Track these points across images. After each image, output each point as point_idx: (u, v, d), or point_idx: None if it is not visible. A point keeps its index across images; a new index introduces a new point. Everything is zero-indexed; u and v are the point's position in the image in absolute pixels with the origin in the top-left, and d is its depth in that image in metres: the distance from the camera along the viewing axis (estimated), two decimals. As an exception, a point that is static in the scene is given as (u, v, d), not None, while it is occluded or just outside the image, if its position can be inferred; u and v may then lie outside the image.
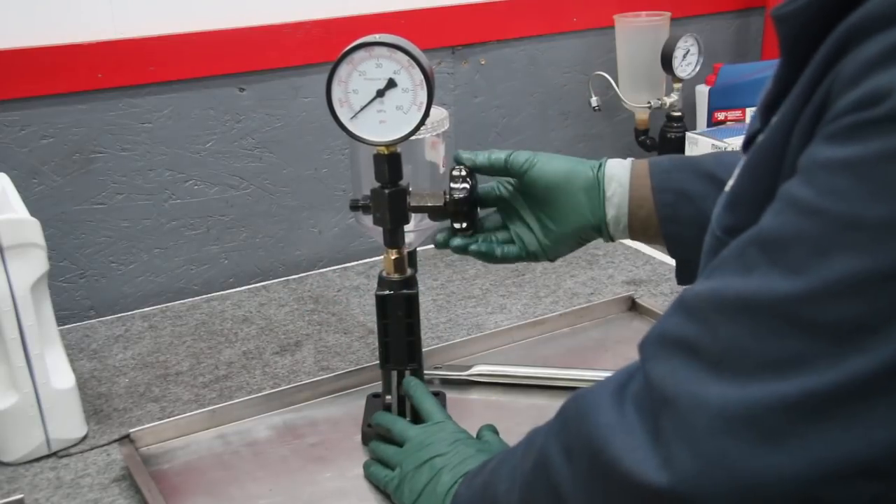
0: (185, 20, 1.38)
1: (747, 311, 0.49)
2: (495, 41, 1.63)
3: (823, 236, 0.46)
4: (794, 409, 0.46)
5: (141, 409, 1.11)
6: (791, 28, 0.55)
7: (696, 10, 1.78)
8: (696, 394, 0.50)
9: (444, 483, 0.82)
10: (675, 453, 0.50)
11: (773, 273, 0.48)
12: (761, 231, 0.50)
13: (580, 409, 0.59)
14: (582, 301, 1.32)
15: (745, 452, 0.47)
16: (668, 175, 0.89)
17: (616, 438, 0.54)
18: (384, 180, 0.91)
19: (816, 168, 0.48)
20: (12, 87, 1.29)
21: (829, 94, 0.49)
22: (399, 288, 0.95)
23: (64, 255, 1.38)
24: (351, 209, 0.95)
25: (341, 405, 1.10)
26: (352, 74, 0.86)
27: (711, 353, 0.50)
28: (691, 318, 0.53)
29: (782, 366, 0.47)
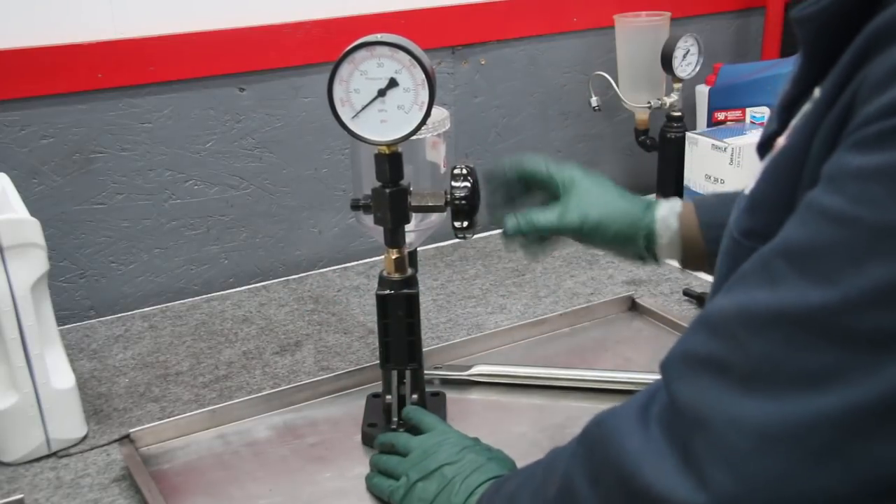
0: (185, 20, 1.38)
1: (778, 325, 0.48)
2: (495, 41, 1.63)
3: (857, 244, 0.45)
4: (836, 423, 0.45)
5: (141, 409, 1.11)
6: (811, 29, 0.55)
7: (696, 10, 1.78)
8: (730, 413, 0.48)
9: (460, 494, 0.80)
10: (711, 475, 0.48)
11: (804, 284, 0.47)
12: (787, 242, 0.49)
13: (604, 434, 0.58)
14: (582, 301, 1.32)
15: (787, 471, 0.46)
16: (713, 210, 0.90)
17: (645, 464, 0.52)
18: (385, 180, 0.91)
19: (846, 176, 0.47)
20: (12, 87, 1.29)
21: (854, 99, 0.48)
22: (400, 287, 0.95)
23: (64, 255, 1.38)
24: (352, 209, 0.95)
25: (341, 405, 1.10)
26: (353, 74, 0.86)
27: (742, 370, 0.49)
28: (717, 334, 0.51)
29: (820, 379, 0.46)
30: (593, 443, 0.59)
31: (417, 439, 0.90)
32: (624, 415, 0.57)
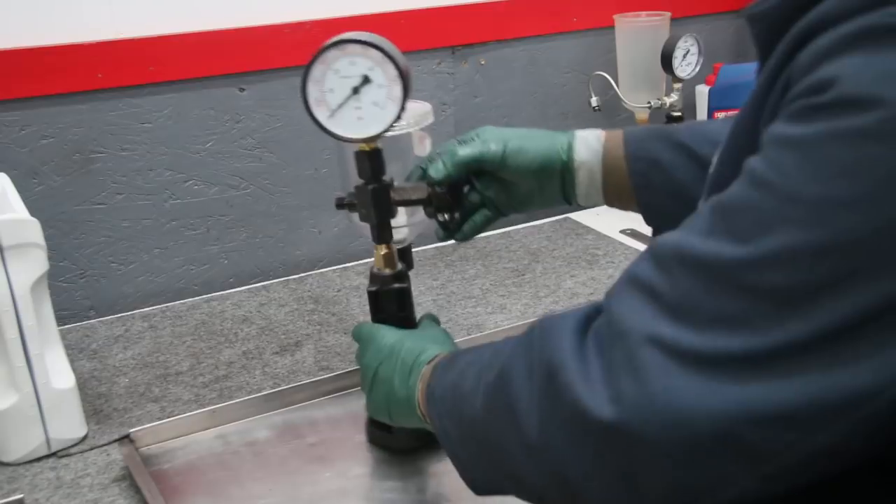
0: (185, 20, 1.38)
1: (702, 270, 0.52)
2: (495, 41, 1.63)
3: (767, 208, 0.50)
4: (737, 360, 0.50)
5: (141, 409, 1.11)
6: (763, 27, 0.58)
7: (696, 10, 1.78)
8: (651, 330, 0.53)
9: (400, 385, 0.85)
10: (622, 385, 0.52)
11: (726, 238, 0.51)
12: (722, 197, 0.53)
13: (545, 330, 0.62)
14: (582, 301, 1.32)
15: (687, 389, 0.50)
16: (642, 144, 0.92)
17: (573, 364, 0.57)
18: (367, 176, 0.92)
19: (770, 143, 0.51)
20: (12, 87, 1.29)
21: (789, 80, 0.52)
22: (390, 283, 0.95)
23: (64, 255, 1.38)
24: (337, 207, 0.96)
25: (341, 405, 1.10)
26: (326, 74, 0.86)
27: (670, 301, 0.53)
28: (657, 265, 0.55)
29: (730, 322, 0.50)
30: (534, 337, 0.63)
31: (361, 354, 0.92)
32: (568, 318, 0.61)
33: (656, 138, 0.92)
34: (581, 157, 0.93)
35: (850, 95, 0.47)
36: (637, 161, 0.91)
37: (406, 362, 0.86)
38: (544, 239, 1.56)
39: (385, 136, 0.89)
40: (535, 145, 0.93)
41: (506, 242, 1.56)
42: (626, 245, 1.50)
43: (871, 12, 0.48)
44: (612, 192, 0.94)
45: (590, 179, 0.93)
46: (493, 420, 0.66)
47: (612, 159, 0.92)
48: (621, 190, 0.93)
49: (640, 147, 0.91)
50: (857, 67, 0.47)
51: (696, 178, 0.89)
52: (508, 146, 0.93)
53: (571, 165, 0.93)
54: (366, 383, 0.91)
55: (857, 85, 0.47)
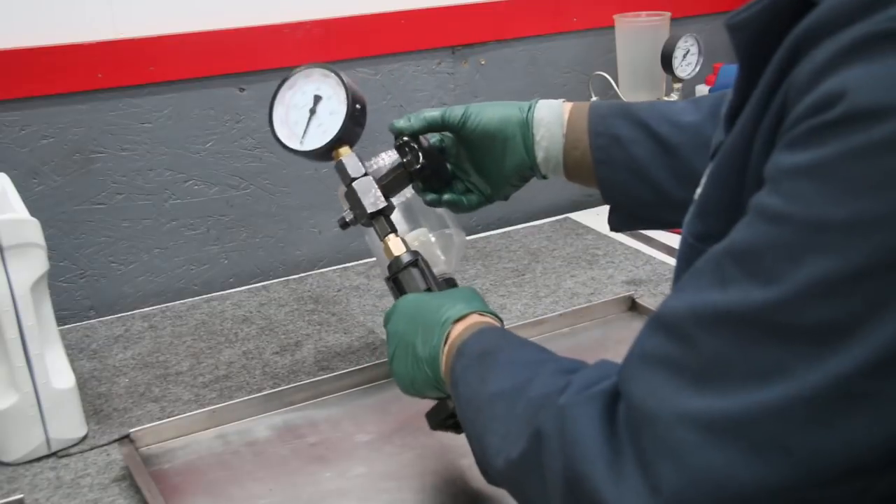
0: (185, 20, 1.38)
1: (727, 324, 0.49)
2: (495, 41, 1.63)
3: (793, 242, 0.47)
4: (777, 415, 0.46)
5: (141, 409, 1.11)
6: (745, 37, 0.56)
7: (696, 10, 1.78)
8: (679, 409, 0.49)
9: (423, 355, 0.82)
10: (661, 473, 0.49)
11: (749, 284, 0.48)
12: (734, 243, 0.50)
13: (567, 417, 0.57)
14: (582, 301, 1.32)
15: (731, 464, 0.47)
16: (604, 120, 0.93)
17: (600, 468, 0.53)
18: (348, 180, 0.95)
19: (780, 175, 0.48)
20: (12, 87, 1.29)
21: (785, 101, 0.49)
22: (405, 264, 0.93)
23: (64, 255, 1.38)
24: (342, 228, 0.98)
25: (341, 405, 1.10)
26: (288, 112, 0.97)
27: (694, 369, 0.50)
28: (670, 335, 0.52)
29: (765, 374, 0.47)
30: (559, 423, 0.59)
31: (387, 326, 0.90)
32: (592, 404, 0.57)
33: (618, 115, 0.93)
34: (541, 115, 0.95)
35: (861, 108, 0.45)
36: (598, 136, 0.92)
37: (428, 322, 0.83)
38: (544, 239, 1.56)
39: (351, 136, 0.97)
40: (497, 107, 0.97)
41: (506, 242, 1.56)
42: (626, 245, 1.50)
43: (866, 19, 0.45)
44: (572, 166, 0.95)
45: (550, 140, 0.95)
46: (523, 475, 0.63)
47: (575, 132, 0.94)
48: (582, 164, 0.94)
49: (601, 123, 0.93)
50: (863, 78, 0.45)
51: (653, 154, 0.90)
52: (470, 108, 0.96)
53: (530, 122, 0.95)
54: (390, 351, 0.88)
55: (867, 96, 0.44)
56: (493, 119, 0.96)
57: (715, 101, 0.92)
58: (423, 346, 0.82)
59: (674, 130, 0.91)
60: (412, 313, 0.86)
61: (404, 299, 0.89)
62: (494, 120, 0.95)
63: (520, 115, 0.96)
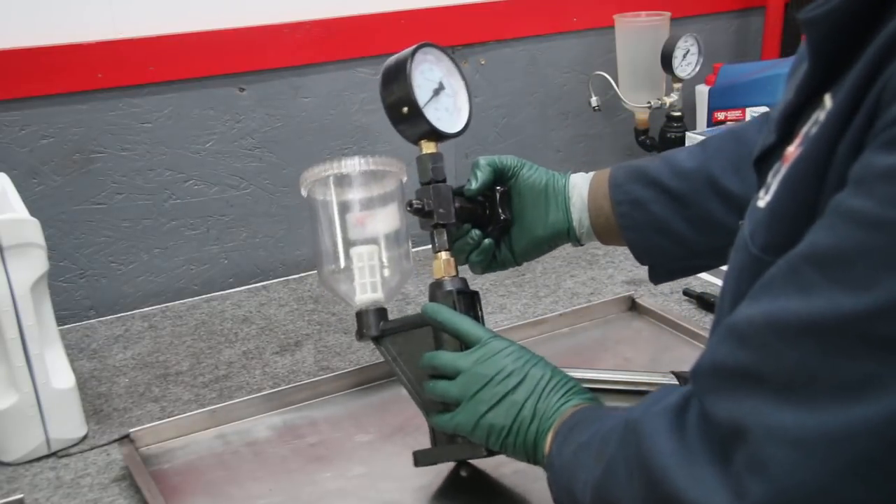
0: (185, 20, 1.38)
1: (811, 334, 0.47)
2: (495, 41, 1.63)
3: (889, 248, 0.44)
4: (876, 433, 0.44)
5: (141, 409, 1.11)
6: (821, 32, 0.54)
7: (696, 10, 1.78)
8: (768, 423, 0.48)
9: (542, 421, 0.77)
10: (749, 486, 0.48)
11: (836, 291, 0.46)
12: (816, 247, 0.48)
13: (639, 431, 0.57)
14: (582, 301, 1.32)
15: (825, 482, 0.46)
16: (622, 186, 0.92)
17: (679, 469, 0.52)
18: (434, 178, 0.91)
19: (874, 178, 0.45)
20: (12, 87, 1.29)
21: (878, 102, 0.47)
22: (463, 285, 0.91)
23: (64, 255, 1.38)
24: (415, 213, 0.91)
25: (341, 405, 1.10)
26: (420, 67, 0.91)
27: (778, 381, 0.48)
28: (748, 345, 0.50)
29: (858, 388, 0.45)
30: (631, 440, 0.59)
31: (465, 357, 0.82)
32: (660, 415, 0.56)
33: (634, 178, 0.92)
34: (574, 180, 0.95)
35: None
36: (619, 204, 0.92)
37: (548, 409, 0.78)
38: (544, 239, 1.56)
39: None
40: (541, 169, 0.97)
41: (506, 242, 1.56)
42: (626, 245, 1.50)
43: None
44: (601, 232, 0.95)
45: (580, 204, 0.94)
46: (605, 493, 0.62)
47: (597, 199, 0.94)
48: (610, 230, 0.94)
49: (619, 189, 0.92)
50: None
51: (669, 209, 0.90)
52: (521, 161, 0.96)
53: (567, 185, 0.95)
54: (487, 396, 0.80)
55: None
56: (541, 173, 0.96)
57: (724, 137, 0.92)
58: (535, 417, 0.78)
59: (680, 181, 0.90)
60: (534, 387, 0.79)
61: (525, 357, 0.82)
62: (543, 174, 0.96)
63: (560, 178, 0.96)
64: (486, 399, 0.79)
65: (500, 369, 0.80)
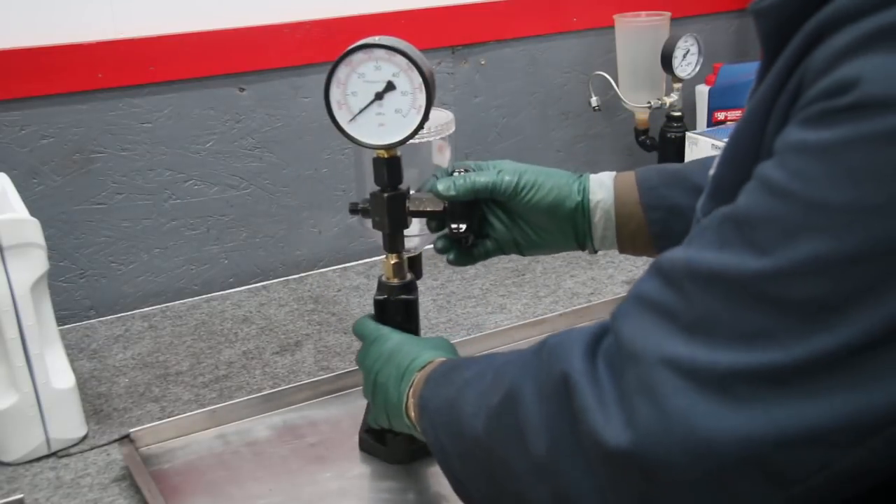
0: (185, 20, 1.38)
1: (719, 284, 0.51)
2: (495, 41, 1.63)
3: (791, 218, 0.48)
4: (760, 378, 0.48)
5: (141, 409, 1.11)
6: (769, 22, 0.57)
7: (696, 10, 1.78)
8: (665, 351, 0.51)
9: (392, 395, 0.85)
10: (637, 409, 0.51)
11: (744, 250, 0.50)
12: (737, 209, 0.52)
13: (554, 350, 0.61)
14: (582, 301, 1.32)
15: (707, 412, 0.49)
16: (656, 191, 0.90)
17: (586, 387, 0.56)
18: (383, 184, 0.90)
19: (788, 150, 0.49)
20: (12, 87, 1.29)
21: (802, 81, 0.50)
22: (398, 293, 0.94)
23: (64, 255, 1.38)
24: (350, 213, 0.95)
25: (341, 405, 1.10)
26: (350, 76, 0.85)
27: (685, 319, 0.52)
28: (667, 283, 0.54)
29: (751, 338, 0.49)
30: (544, 360, 0.62)
31: (360, 353, 0.92)
32: (577, 339, 0.60)
33: (671, 184, 0.89)
34: (597, 198, 0.91)
35: (873, 97, 0.45)
36: (654, 210, 0.89)
37: (400, 367, 0.85)
38: (544, 239, 1.56)
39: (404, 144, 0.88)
40: (550, 181, 0.91)
41: (506, 242, 1.56)
42: (626, 245, 1.50)
43: (889, 9, 0.46)
44: (626, 240, 0.92)
45: (606, 222, 0.91)
46: (499, 441, 0.64)
47: (626, 207, 0.90)
48: (637, 237, 0.91)
49: (655, 195, 0.89)
50: (879, 67, 0.45)
51: None
52: (522, 178, 0.91)
53: (587, 206, 0.91)
54: (367, 388, 0.91)
55: (881, 86, 0.45)
56: (547, 196, 0.91)
57: None
58: (394, 389, 0.85)
59: None
60: (388, 357, 0.88)
61: (382, 340, 0.91)
62: (548, 199, 0.91)
63: (574, 199, 0.91)
64: (367, 387, 0.90)
65: (371, 356, 0.90)
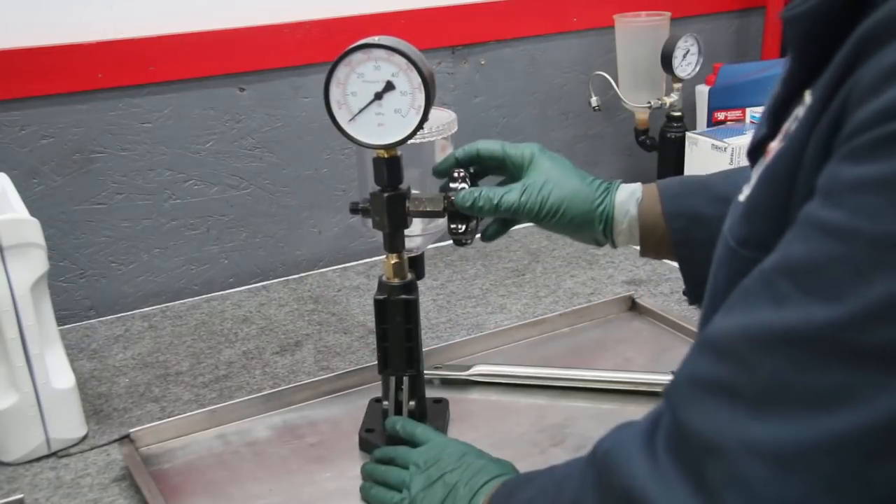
0: (185, 20, 1.38)
1: (784, 345, 0.46)
2: (495, 41, 1.63)
3: (859, 258, 0.44)
4: (849, 447, 0.44)
5: (141, 409, 1.11)
6: (800, 30, 0.54)
7: (696, 10, 1.78)
8: (742, 438, 0.47)
9: (464, 497, 0.80)
10: (726, 501, 0.48)
11: (808, 302, 0.46)
12: (788, 258, 0.48)
13: (612, 461, 0.56)
14: (582, 301, 1.32)
15: (803, 497, 0.45)
16: (679, 200, 0.89)
17: (655, 491, 0.52)
18: (383, 184, 0.90)
19: (843, 188, 0.45)
20: (12, 87, 1.29)
21: (845, 105, 0.47)
22: (398, 293, 0.94)
23: (64, 255, 1.38)
24: (351, 212, 0.95)
25: (341, 405, 1.10)
26: (350, 76, 0.85)
27: (751, 393, 0.48)
28: (722, 357, 0.50)
29: (831, 399, 0.45)
30: (601, 470, 0.58)
31: (417, 451, 0.89)
32: (631, 441, 0.56)
33: (693, 192, 0.89)
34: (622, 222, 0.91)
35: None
36: (676, 218, 0.88)
37: (473, 484, 0.81)
38: (544, 239, 1.56)
39: (406, 143, 0.88)
40: (574, 209, 0.90)
41: (506, 242, 1.56)
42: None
43: None
44: (649, 250, 0.91)
45: (630, 230, 0.91)
46: None
47: (648, 216, 0.89)
48: (659, 245, 0.90)
49: (677, 203, 0.88)
50: None
51: None
52: (546, 204, 0.89)
53: (610, 225, 0.91)
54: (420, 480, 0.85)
55: None
56: (570, 223, 0.90)
57: None
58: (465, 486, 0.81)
59: None
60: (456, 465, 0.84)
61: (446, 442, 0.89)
62: (572, 224, 0.90)
63: (598, 224, 0.90)
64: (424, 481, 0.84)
65: (440, 458, 0.86)
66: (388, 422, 0.96)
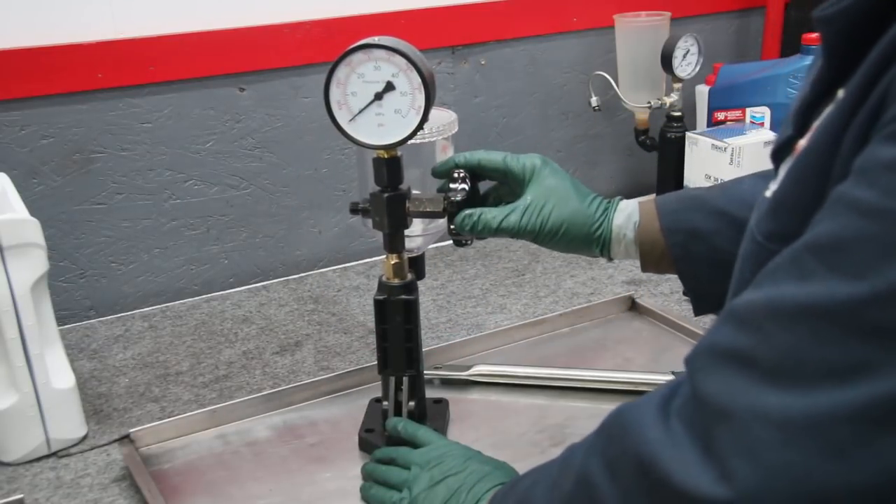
0: (185, 20, 1.38)
1: (806, 318, 0.47)
2: (495, 41, 1.63)
3: (887, 237, 0.45)
4: (861, 417, 0.45)
5: (141, 409, 1.11)
6: (834, 30, 0.55)
7: (696, 10, 1.78)
8: (755, 405, 0.48)
9: (466, 502, 0.80)
10: (734, 467, 0.48)
11: (833, 278, 0.46)
12: (817, 236, 0.49)
13: (623, 424, 0.57)
14: (582, 301, 1.32)
15: (810, 464, 0.46)
16: (677, 216, 0.89)
17: (665, 454, 0.52)
18: (383, 184, 0.90)
19: (878, 169, 0.46)
20: (12, 87, 1.29)
21: (885, 96, 0.48)
22: (398, 293, 0.94)
23: (64, 255, 1.38)
24: (351, 212, 0.95)
25: (341, 405, 1.10)
26: (350, 76, 0.85)
27: (768, 363, 0.48)
28: (744, 327, 0.51)
29: (846, 373, 0.45)
30: (612, 434, 0.59)
31: (419, 452, 0.89)
32: (644, 406, 0.56)
33: (691, 208, 0.89)
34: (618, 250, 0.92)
35: None
36: (674, 234, 0.89)
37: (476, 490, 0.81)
38: (544, 239, 1.56)
39: (406, 143, 0.88)
40: (572, 232, 0.90)
41: (506, 242, 1.56)
42: (626, 245, 1.50)
43: None
44: (648, 263, 0.92)
45: (627, 249, 0.92)
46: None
47: (647, 233, 0.90)
48: (659, 261, 0.91)
49: (675, 219, 0.89)
50: None
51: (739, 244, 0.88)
52: (544, 227, 0.90)
53: (607, 245, 0.92)
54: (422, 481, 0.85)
55: None
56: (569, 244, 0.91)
57: None
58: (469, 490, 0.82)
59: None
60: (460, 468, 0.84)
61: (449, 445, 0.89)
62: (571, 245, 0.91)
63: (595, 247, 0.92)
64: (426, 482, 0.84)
65: (443, 460, 0.86)
66: (389, 423, 0.96)
